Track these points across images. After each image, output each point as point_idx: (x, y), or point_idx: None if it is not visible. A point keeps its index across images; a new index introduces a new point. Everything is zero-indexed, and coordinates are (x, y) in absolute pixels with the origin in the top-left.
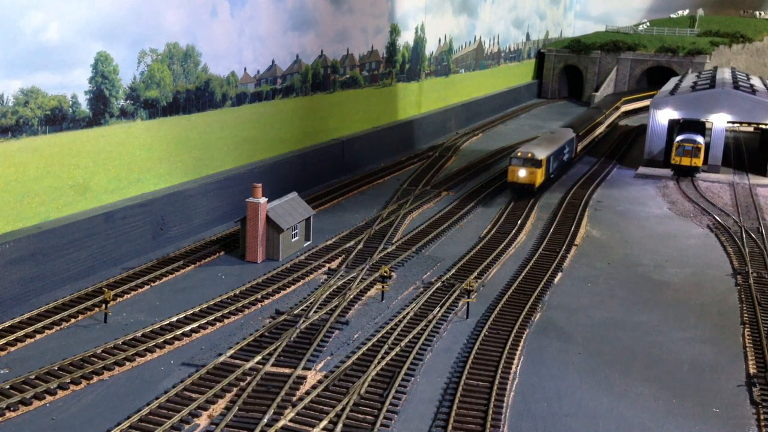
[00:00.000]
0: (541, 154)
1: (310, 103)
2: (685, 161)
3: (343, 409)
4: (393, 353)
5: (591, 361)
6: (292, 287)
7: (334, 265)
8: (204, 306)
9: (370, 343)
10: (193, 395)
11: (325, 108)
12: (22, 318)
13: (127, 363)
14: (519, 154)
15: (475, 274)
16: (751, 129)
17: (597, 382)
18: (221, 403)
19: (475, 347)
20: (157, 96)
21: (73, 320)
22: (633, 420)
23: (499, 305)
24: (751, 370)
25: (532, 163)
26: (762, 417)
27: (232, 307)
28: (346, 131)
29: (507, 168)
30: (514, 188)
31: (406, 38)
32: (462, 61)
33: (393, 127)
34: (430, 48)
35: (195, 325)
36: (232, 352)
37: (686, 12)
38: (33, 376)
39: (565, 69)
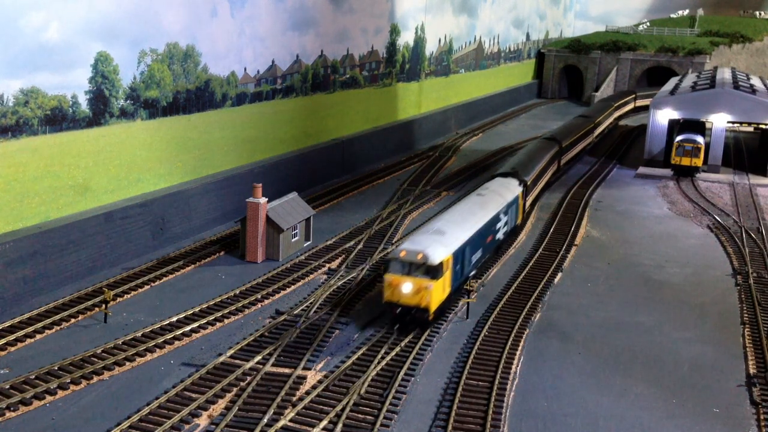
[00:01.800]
0: (441, 252)
1: (310, 103)
2: (685, 161)
3: (343, 409)
4: (393, 353)
5: (591, 361)
6: (292, 287)
7: (334, 265)
8: (204, 306)
9: (370, 343)
10: (193, 395)
11: (325, 108)
12: (22, 318)
13: (127, 363)
14: (402, 254)
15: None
16: (751, 129)
17: (597, 382)
18: (221, 403)
19: (475, 347)
20: (157, 96)
21: (73, 320)
22: (633, 420)
23: (499, 305)
24: (751, 370)
25: (425, 270)
26: (762, 417)
27: (232, 307)
28: (346, 131)
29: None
30: (394, 313)
31: (406, 38)
32: (462, 61)
33: (393, 127)
34: (430, 48)
35: (195, 325)
36: (232, 352)
37: (686, 12)
38: (33, 376)
39: (565, 69)
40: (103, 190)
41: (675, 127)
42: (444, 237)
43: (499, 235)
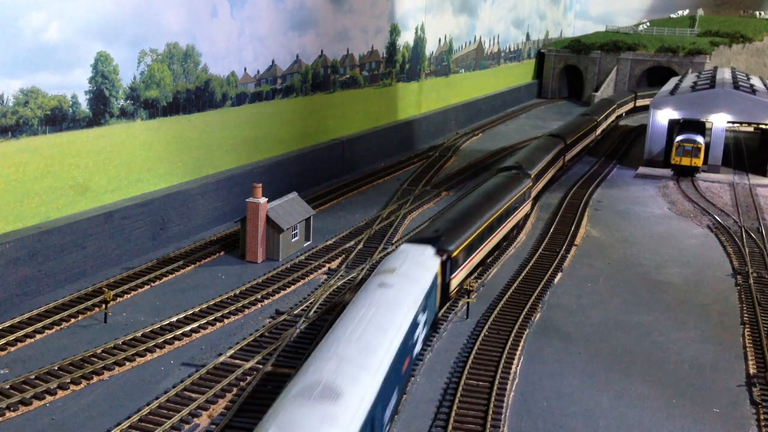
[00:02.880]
0: None
1: (310, 103)
2: (685, 161)
3: None
4: None
5: (591, 361)
6: (292, 287)
7: (334, 265)
8: (204, 306)
9: None
10: (193, 395)
11: (325, 108)
12: (22, 318)
13: (127, 363)
14: None
15: (475, 274)
16: (751, 129)
17: (597, 382)
18: (221, 403)
19: (475, 347)
20: (157, 96)
21: (73, 320)
22: (633, 420)
23: (499, 305)
24: (751, 370)
25: None
26: (762, 417)
27: (232, 307)
28: (346, 131)
29: None
30: None
31: (406, 38)
32: (462, 61)
33: (393, 127)
34: (430, 48)
35: (195, 325)
36: (232, 352)
37: (686, 12)
38: (33, 376)
39: (565, 69)
40: (103, 190)
41: (675, 127)
42: (338, 404)
43: (417, 348)
